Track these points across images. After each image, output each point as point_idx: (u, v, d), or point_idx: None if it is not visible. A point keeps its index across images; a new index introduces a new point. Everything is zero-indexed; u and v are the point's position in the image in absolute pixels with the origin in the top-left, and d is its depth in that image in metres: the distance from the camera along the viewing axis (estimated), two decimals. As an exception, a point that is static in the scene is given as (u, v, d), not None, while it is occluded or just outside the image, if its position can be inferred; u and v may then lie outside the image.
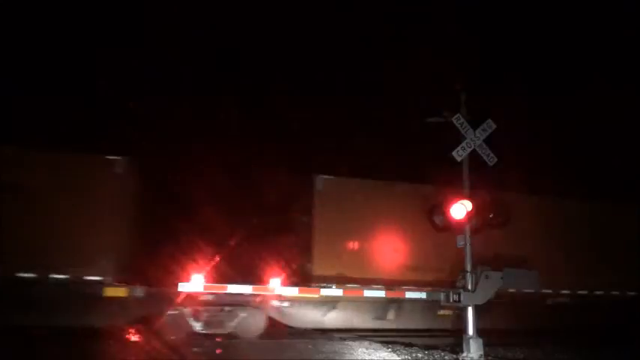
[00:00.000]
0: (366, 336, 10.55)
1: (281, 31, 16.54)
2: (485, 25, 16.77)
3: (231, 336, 10.02)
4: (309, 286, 10.02)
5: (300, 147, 14.56)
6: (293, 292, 9.49)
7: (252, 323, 10.22)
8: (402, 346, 9.39)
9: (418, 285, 10.28)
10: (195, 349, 8.68)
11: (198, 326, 10.00)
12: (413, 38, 16.57)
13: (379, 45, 17.27)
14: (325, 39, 16.90)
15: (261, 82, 16.23)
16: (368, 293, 9.58)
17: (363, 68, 16.92)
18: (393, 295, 9.90)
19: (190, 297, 9.68)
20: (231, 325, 10.14)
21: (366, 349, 9.24)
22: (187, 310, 9.97)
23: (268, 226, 11.43)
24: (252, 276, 9.99)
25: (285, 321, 10.63)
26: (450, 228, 9.05)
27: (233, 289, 9.16)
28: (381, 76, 16.54)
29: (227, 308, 10.17)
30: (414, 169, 12.18)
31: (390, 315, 10.95)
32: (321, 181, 10.75)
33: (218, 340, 9.74)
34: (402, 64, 16.30)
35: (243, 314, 10.18)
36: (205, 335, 9.88)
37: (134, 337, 9.59)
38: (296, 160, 13.26)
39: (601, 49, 17.41)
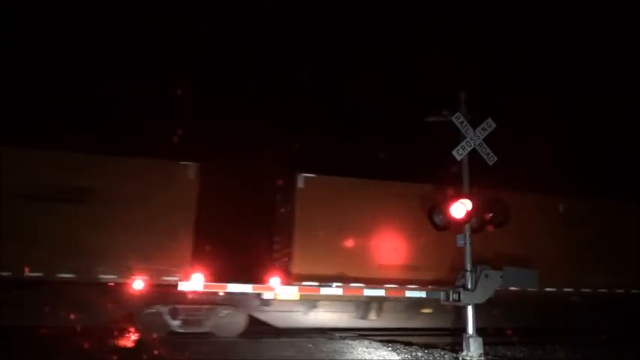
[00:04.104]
0: (366, 335, 10.55)
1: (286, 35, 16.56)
2: (485, 24, 16.78)
3: (209, 335, 9.96)
4: (309, 285, 10.01)
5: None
6: (293, 291, 9.49)
7: (232, 322, 10.17)
8: (402, 345, 9.39)
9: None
10: (194, 349, 8.68)
11: (175, 325, 9.88)
12: (413, 37, 16.58)
13: (379, 44, 17.27)
14: (323, 37, 16.91)
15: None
16: (368, 292, 9.58)
17: (363, 67, 16.91)
18: (394, 294, 9.90)
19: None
20: (209, 324, 10.05)
21: (366, 348, 9.25)
22: (165, 309, 9.86)
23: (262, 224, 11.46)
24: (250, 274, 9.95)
25: (266, 320, 10.54)
26: (450, 227, 9.07)
27: (233, 288, 9.15)
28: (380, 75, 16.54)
29: (206, 307, 10.01)
30: (414, 168, 12.19)
31: (372, 315, 10.96)
32: (302, 179, 10.65)
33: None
34: (402, 63, 16.33)
35: (222, 313, 10.09)
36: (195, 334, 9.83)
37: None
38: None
39: (602, 46, 17.41)
